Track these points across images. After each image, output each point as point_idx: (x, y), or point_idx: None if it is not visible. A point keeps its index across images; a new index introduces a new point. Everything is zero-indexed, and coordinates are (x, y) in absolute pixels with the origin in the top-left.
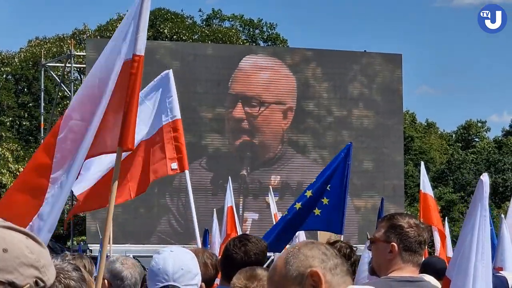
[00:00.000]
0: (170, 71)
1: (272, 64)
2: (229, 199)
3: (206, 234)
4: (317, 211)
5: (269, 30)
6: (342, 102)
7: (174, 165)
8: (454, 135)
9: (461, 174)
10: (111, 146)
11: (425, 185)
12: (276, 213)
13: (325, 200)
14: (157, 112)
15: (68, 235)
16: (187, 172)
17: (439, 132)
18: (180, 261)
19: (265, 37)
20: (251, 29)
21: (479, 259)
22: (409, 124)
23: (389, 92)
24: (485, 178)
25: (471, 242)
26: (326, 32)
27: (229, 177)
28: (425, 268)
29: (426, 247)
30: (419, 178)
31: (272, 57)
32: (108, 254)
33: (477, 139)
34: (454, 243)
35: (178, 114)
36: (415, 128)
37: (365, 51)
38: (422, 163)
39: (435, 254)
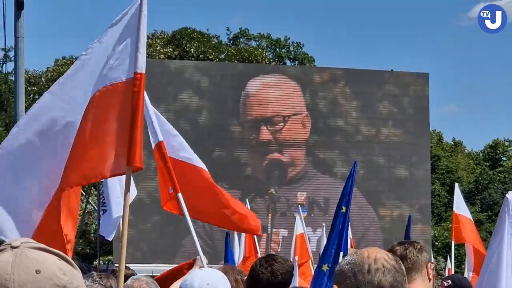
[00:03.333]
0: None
1: (277, 81)
2: None
3: (228, 241)
4: None
5: (296, 50)
6: (370, 121)
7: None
8: (481, 154)
9: (488, 194)
10: (117, 168)
11: (459, 206)
12: (300, 234)
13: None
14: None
15: (94, 255)
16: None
17: (466, 151)
18: (207, 277)
19: (291, 57)
20: (277, 49)
21: (510, 276)
22: (435, 143)
23: (416, 111)
24: (510, 196)
25: (499, 259)
26: (351, 51)
27: (246, 199)
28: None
29: (453, 266)
30: (446, 198)
31: (277, 74)
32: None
33: (504, 158)
34: None
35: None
36: (442, 147)
37: (392, 70)
38: (457, 184)
39: (466, 275)
